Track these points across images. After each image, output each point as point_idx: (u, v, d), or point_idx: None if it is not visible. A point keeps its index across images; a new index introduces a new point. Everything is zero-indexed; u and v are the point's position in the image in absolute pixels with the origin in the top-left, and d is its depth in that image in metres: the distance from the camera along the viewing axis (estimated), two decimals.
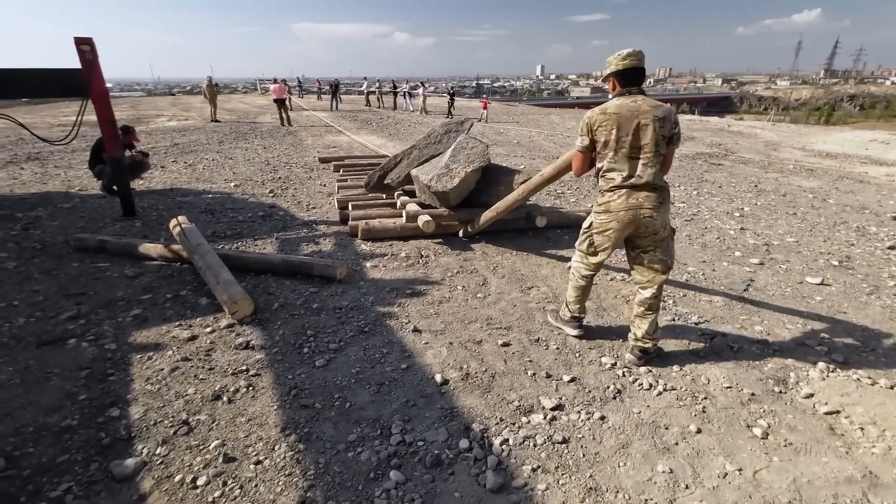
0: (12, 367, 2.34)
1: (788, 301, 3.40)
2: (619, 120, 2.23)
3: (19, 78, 4.36)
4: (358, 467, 1.77)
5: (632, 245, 2.47)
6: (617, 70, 2.30)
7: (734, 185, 7.69)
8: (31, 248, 3.97)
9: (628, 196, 2.27)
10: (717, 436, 2.01)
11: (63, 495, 1.60)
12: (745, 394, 2.31)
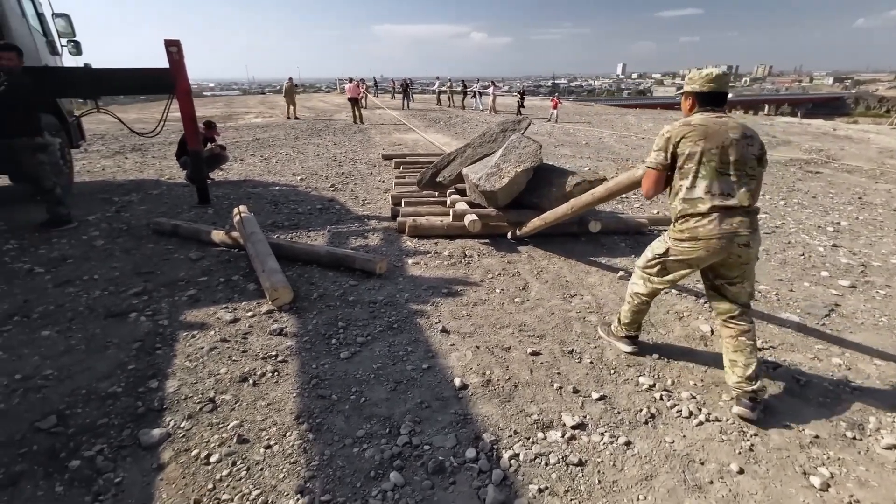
0: (81, 334, 2.62)
1: (882, 333, 2.92)
2: (706, 131, 2.00)
3: (117, 77, 4.91)
4: (360, 464, 1.76)
5: (714, 273, 2.20)
6: (701, 91, 2.12)
7: (832, 196, 6.81)
8: (119, 229, 4.45)
9: (720, 221, 1.99)
10: (763, 480, 1.76)
11: (95, 456, 1.75)
12: (807, 435, 2.00)
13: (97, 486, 1.63)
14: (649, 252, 2.34)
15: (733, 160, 1.99)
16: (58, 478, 1.66)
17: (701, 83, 2.11)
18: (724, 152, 1.99)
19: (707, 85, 2.10)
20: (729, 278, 2.17)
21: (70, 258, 3.71)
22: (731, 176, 2.00)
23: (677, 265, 2.21)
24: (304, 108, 20.96)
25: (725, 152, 1.99)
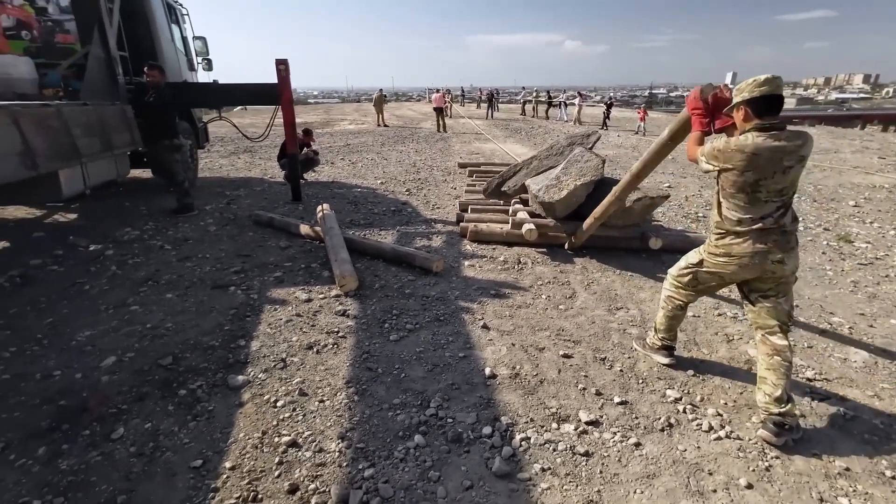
0: (193, 299, 3.27)
1: None
2: (758, 162, 1.93)
3: (237, 90, 5.83)
4: (392, 425, 2.08)
5: (748, 287, 2.22)
6: (751, 97, 1.96)
7: None
8: (227, 218, 5.28)
9: (756, 241, 2.04)
10: (772, 498, 1.79)
11: (196, 389, 2.27)
12: (837, 466, 1.96)
13: (196, 410, 2.13)
14: (683, 261, 2.42)
15: (783, 188, 1.97)
16: (170, 400, 2.19)
17: (751, 88, 1.96)
18: (774, 182, 1.95)
19: (759, 88, 1.94)
20: (762, 291, 2.17)
21: (190, 239, 4.53)
22: (775, 202, 2.01)
23: (709, 277, 2.28)
24: (394, 116, 22.23)
25: (775, 182, 1.95)
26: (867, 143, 15.22)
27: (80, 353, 2.57)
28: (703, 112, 2.27)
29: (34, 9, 4.26)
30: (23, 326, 2.84)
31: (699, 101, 2.28)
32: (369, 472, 1.81)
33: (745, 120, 2.01)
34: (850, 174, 9.70)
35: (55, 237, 4.45)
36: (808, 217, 6.17)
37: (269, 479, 1.78)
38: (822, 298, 3.72)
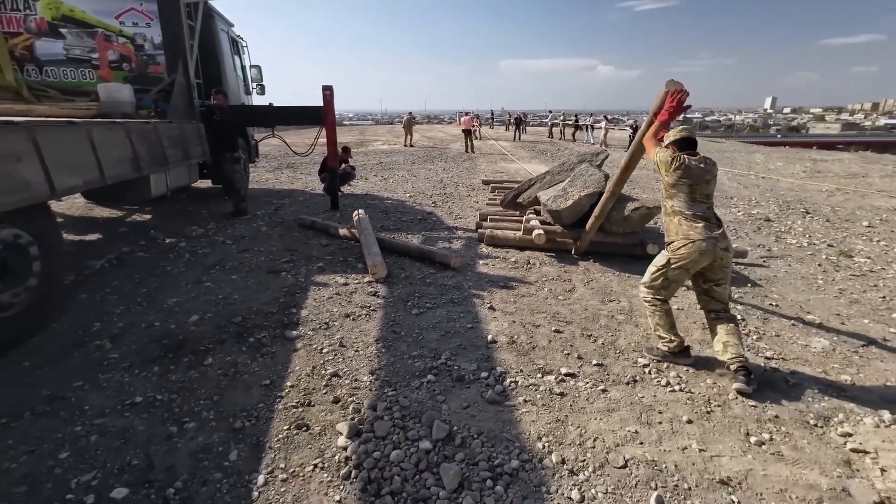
0: (253, 279, 3.98)
1: None
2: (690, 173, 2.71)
3: (287, 112, 6.71)
4: (411, 369, 2.68)
5: (704, 279, 2.78)
6: (675, 139, 2.87)
7: None
8: (276, 221, 6.07)
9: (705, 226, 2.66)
10: (705, 429, 2.27)
11: (261, 338, 2.94)
12: (769, 415, 2.41)
13: (262, 351, 2.79)
14: (652, 268, 2.91)
15: (706, 194, 2.75)
16: (243, 344, 2.86)
17: (674, 134, 2.89)
18: (701, 188, 2.72)
19: (679, 135, 2.87)
20: (715, 280, 2.72)
21: (246, 237, 5.31)
22: (704, 203, 2.73)
23: (677, 272, 2.78)
24: (425, 137, 23.27)
25: (702, 189, 2.73)
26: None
27: (171, 313, 3.29)
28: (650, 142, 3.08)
29: (134, 45, 5.23)
30: (125, 293, 3.61)
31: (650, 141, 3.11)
32: (392, 393, 2.40)
33: (674, 152, 2.82)
34: (874, 197, 9.80)
35: (137, 232, 5.32)
36: (816, 234, 6.45)
37: (318, 394, 2.40)
38: (805, 301, 4.09)
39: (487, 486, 1.83)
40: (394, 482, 1.82)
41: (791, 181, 11.93)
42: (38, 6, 4.88)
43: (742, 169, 14.95)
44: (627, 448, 2.10)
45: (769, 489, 1.90)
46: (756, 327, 3.47)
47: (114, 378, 2.47)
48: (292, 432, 2.11)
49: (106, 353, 2.71)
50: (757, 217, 7.44)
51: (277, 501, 1.74)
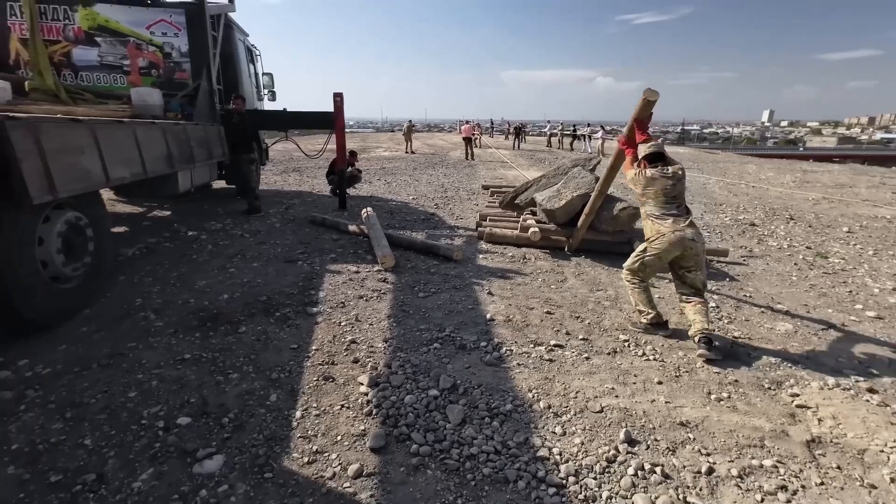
0: (272, 267, 4.37)
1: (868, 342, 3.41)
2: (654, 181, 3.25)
3: (300, 116, 7.14)
4: (419, 338, 3.05)
5: (678, 266, 3.24)
6: (645, 154, 3.36)
7: None
8: (288, 218, 6.47)
9: (674, 222, 3.14)
10: (673, 388, 2.65)
11: (286, 312, 3.32)
12: (730, 379, 2.79)
13: (288, 322, 3.17)
14: (632, 255, 3.39)
15: (674, 195, 3.23)
16: (271, 317, 3.25)
17: (644, 150, 3.37)
18: (667, 192, 3.22)
19: (648, 151, 3.35)
20: (687, 267, 3.14)
21: (261, 231, 5.70)
22: (674, 203, 3.19)
23: (653, 259, 3.23)
24: (426, 144, 23.77)
25: (668, 192, 3.22)
26: (887, 179, 15.53)
27: (202, 292, 3.67)
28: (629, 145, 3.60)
29: (162, 53, 5.65)
30: (158, 277, 3.99)
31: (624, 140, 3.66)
32: (403, 355, 2.79)
33: (644, 166, 3.34)
34: (858, 206, 10.24)
35: (160, 226, 5.71)
36: (796, 238, 6.86)
37: (340, 355, 2.78)
38: (777, 293, 4.48)
39: (486, 422, 2.20)
40: (408, 418, 2.19)
41: (780, 190, 12.37)
42: (77, 17, 5.31)
43: (734, 178, 15.42)
44: (604, 399, 2.47)
45: (720, 430, 2.27)
46: (728, 313, 3.85)
47: (162, 341, 2.84)
48: (320, 382, 2.48)
49: (151, 323, 3.09)
50: (743, 222, 7.85)
51: (313, 429, 2.11)
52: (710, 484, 1.93)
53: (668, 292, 4.23)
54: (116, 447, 1.92)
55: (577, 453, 2.05)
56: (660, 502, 1.81)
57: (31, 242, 2.68)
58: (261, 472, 1.84)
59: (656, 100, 3.55)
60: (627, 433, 2.18)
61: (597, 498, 1.82)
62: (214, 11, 5.98)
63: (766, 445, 2.19)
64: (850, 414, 2.44)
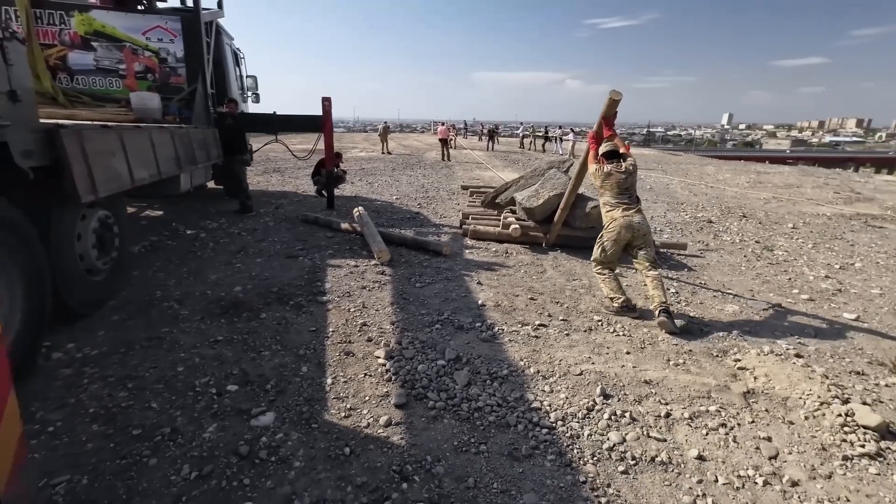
0: (276, 262, 4.69)
1: (800, 319, 4.03)
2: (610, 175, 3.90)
3: (290, 119, 7.41)
4: (422, 321, 3.47)
5: (630, 246, 3.83)
6: (603, 153, 4.03)
7: (875, 246, 7.35)
8: (280, 218, 6.74)
9: (623, 211, 3.76)
10: (639, 356, 3.16)
11: (299, 301, 3.67)
12: (685, 349, 3.33)
13: (302, 310, 3.53)
14: (596, 245, 3.94)
15: (626, 187, 3.79)
16: (286, 305, 3.59)
17: (602, 149, 4.04)
18: (620, 184, 3.85)
19: (604, 149, 4.00)
20: (638, 245, 3.78)
21: (257, 229, 5.97)
22: (626, 194, 3.79)
23: (610, 244, 3.82)
24: (401, 145, 24.08)
25: (622, 184, 3.85)
26: (830, 180, 16.90)
27: (216, 285, 3.97)
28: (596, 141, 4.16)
29: (158, 59, 5.84)
30: (170, 272, 4.26)
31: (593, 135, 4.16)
32: (410, 334, 3.20)
33: (602, 162, 3.91)
34: (803, 205, 11.25)
35: (157, 225, 5.90)
36: (748, 233, 7.61)
37: (355, 335, 3.16)
38: (728, 281, 5.11)
39: (487, 384, 2.64)
40: (423, 381, 2.61)
41: (735, 190, 13.35)
42: (73, 22, 5.45)
43: (695, 179, 16.44)
44: (583, 365, 2.96)
45: (676, 386, 2.79)
46: (686, 297, 4.43)
47: (192, 326, 3.15)
48: (342, 357, 2.87)
49: (177, 311, 3.38)
50: (701, 219, 8.59)
51: (343, 392, 2.50)
52: (668, 424, 2.44)
53: (634, 281, 4.79)
54: (180, 409, 2.26)
55: (563, 405, 2.52)
56: (629, 437, 2.30)
57: (73, 238, 2.94)
58: (308, 424, 2.22)
59: (620, 99, 4.13)
60: (602, 389, 2.66)
61: (580, 436, 2.29)
62: (207, 18, 6.20)
63: (711, 396, 2.72)
64: (778, 372, 3.00)
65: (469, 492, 1.88)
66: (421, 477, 1.94)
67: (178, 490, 1.79)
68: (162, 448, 1.99)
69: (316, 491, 1.83)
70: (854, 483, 2.09)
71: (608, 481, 2.01)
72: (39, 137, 2.50)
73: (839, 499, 2.00)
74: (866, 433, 2.37)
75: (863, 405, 2.59)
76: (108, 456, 1.93)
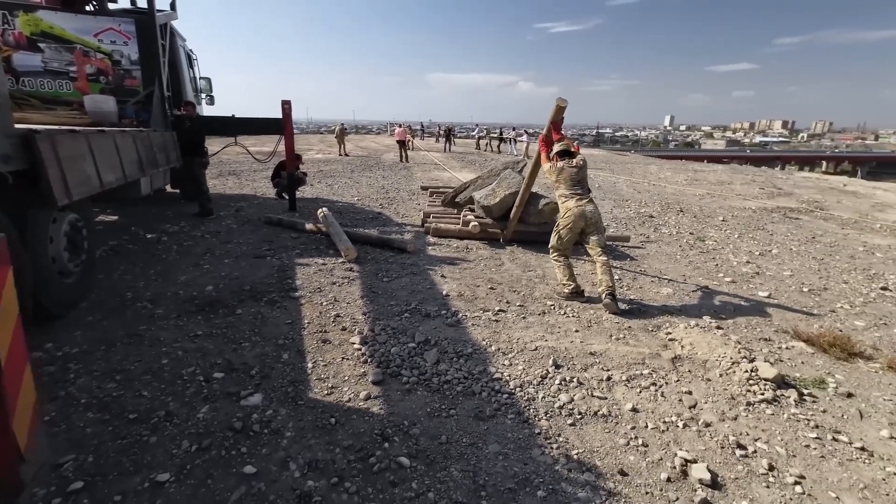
0: (244, 263, 4.80)
1: (723, 298, 4.61)
2: (564, 170, 4.35)
3: (249, 122, 7.43)
4: (392, 311, 3.74)
5: (582, 233, 4.26)
6: (557, 151, 4.49)
7: (791, 234, 8.26)
8: (243, 220, 6.78)
9: (577, 201, 4.20)
10: (585, 334, 3.58)
11: (272, 297, 3.84)
12: (625, 326, 3.79)
13: (276, 305, 3.71)
14: (552, 233, 4.32)
15: (578, 180, 4.20)
16: (260, 302, 3.75)
17: (556, 148, 4.47)
18: (573, 177, 4.22)
19: (558, 147, 4.40)
20: (590, 232, 4.20)
21: (221, 232, 6.01)
22: (578, 185, 4.21)
23: (565, 231, 4.23)
24: (358, 147, 24.05)
25: (573, 177, 4.23)
26: (756, 177, 18.51)
27: (187, 285, 4.06)
28: (546, 144, 4.59)
29: (111, 61, 5.74)
30: (136, 274, 4.29)
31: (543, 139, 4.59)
32: (382, 322, 3.46)
33: (556, 160, 4.34)
34: (732, 199, 12.34)
35: (115, 229, 5.81)
36: (683, 226, 8.36)
37: (329, 326, 3.39)
38: (665, 268, 5.69)
39: (454, 361, 2.96)
40: (396, 361, 2.90)
41: (675, 188, 14.42)
42: (18, 22, 5.29)
43: (639, 178, 17.54)
44: (537, 342, 3.34)
45: (617, 355, 3.22)
46: (628, 283, 4.95)
47: (170, 323, 3.27)
48: (320, 344, 3.10)
49: (152, 311, 3.48)
50: (644, 214, 9.32)
51: (324, 374, 2.74)
52: (609, 385, 2.85)
53: (583, 270, 5.26)
54: (171, 395, 2.42)
55: (521, 374, 2.88)
56: (576, 398, 2.68)
57: (46, 241, 2.99)
58: (294, 401, 2.44)
59: (566, 106, 4.59)
60: (554, 361, 3.05)
61: (535, 398, 2.65)
62: (161, 21, 6.16)
63: (645, 362, 3.16)
64: (701, 341, 3.51)
65: (442, 447, 2.19)
66: (400, 437, 2.22)
67: (181, 461, 1.98)
68: (160, 428, 2.17)
69: (308, 454, 2.08)
70: (754, 422, 2.57)
71: (559, 432, 2.37)
72: (15, 142, 2.58)
73: (742, 434, 2.46)
74: (766, 384, 2.88)
75: (765, 363, 3.11)
76: (109, 437, 2.08)
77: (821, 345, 3.54)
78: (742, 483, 2.12)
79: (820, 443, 2.43)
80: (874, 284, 5.38)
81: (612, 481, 2.07)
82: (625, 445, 2.31)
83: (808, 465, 2.27)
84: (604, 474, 2.10)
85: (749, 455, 2.30)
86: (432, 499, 1.90)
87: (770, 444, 2.40)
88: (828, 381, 3.04)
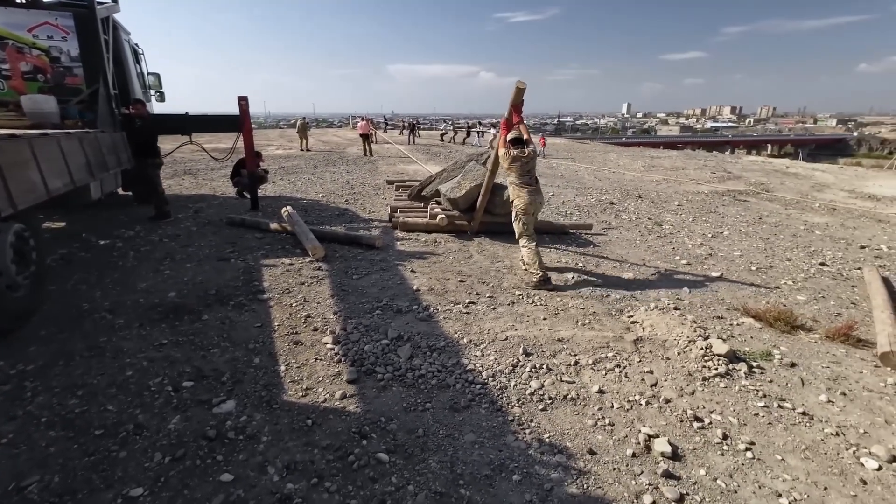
0: (208, 266, 4.67)
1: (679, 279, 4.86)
2: (518, 159, 4.55)
3: (205, 120, 7.17)
4: (363, 308, 3.75)
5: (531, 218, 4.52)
6: (509, 139, 4.74)
7: (740, 216, 8.73)
8: (203, 222, 6.56)
9: (528, 190, 4.48)
10: (553, 321, 3.71)
11: (240, 300, 3.77)
12: (590, 311, 3.95)
13: (244, 308, 3.64)
14: (514, 221, 4.60)
15: (528, 170, 4.44)
16: (227, 306, 3.68)
17: (510, 136, 4.72)
18: (523, 168, 4.45)
19: (511, 136, 4.67)
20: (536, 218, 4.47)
21: (180, 235, 5.80)
22: (528, 175, 4.46)
23: (525, 215, 4.51)
24: (320, 141, 23.55)
25: (524, 168, 4.46)
26: (708, 162, 19.38)
27: (148, 292, 3.92)
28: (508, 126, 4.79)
29: (49, 58, 5.38)
30: (92, 283, 4.10)
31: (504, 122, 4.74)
32: (354, 321, 3.47)
33: (509, 147, 4.57)
34: (686, 184, 12.89)
35: (64, 237, 5.50)
36: (642, 212, 8.69)
37: (300, 327, 3.37)
38: (626, 253, 5.93)
39: (427, 355, 3.01)
40: (370, 359, 2.92)
41: (633, 174, 14.92)
42: None
43: (599, 165, 18.04)
44: (508, 332, 3.44)
45: (583, 340, 3.37)
46: (591, 269, 5.13)
47: (132, 333, 3.16)
48: (292, 346, 3.08)
49: (112, 321, 3.34)
50: (605, 202, 9.63)
51: (298, 376, 2.73)
52: (576, 370, 2.98)
53: (548, 259, 5.41)
54: (139, 406, 2.36)
55: (493, 364, 2.96)
56: (546, 383, 2.79)
57: None
58: (269, 405, 2.44)
59: (525, 88, 4.77)
60: (524, 349, 3.15)
61: (507, 387, 2.75)
62: (103, 14, 5.82)
63: (610, 346, 3.32)
64: (660, 322, 3.70)
65: (420, 440, 2.25)
66: (378, 434, 2.26)
67: (155, 473, 1.95)
68: (129, 442, 2.12)
69: (286, 456, 2.09)
70: (709, 395, 2.77)
71: (531, 418, 2.48)
72: None
73: (699, 407, 2.64)
74: (719, 360, 3.09)
75: (718, 339, 3.33)
76: (76, 455, 2.02)
77: (767, 320, 3.81)
78: (699, 453, 2.29)
79: (767, 410, 2.64)
80: (814, 261, 5.80)
81: (583, 461, 2.19)
82: (593, 426, 2.44)
83: (758, 431, 2.47)
84: (574, 455, 2.22)
85: (705, 426, 2.48)
86: (412, 491, 1.95)
87: (724, 415, 2.59)
88: (773, 354, 3.29)
